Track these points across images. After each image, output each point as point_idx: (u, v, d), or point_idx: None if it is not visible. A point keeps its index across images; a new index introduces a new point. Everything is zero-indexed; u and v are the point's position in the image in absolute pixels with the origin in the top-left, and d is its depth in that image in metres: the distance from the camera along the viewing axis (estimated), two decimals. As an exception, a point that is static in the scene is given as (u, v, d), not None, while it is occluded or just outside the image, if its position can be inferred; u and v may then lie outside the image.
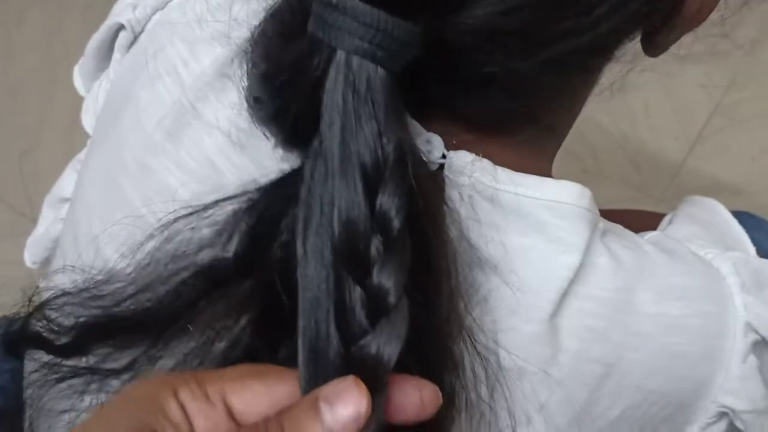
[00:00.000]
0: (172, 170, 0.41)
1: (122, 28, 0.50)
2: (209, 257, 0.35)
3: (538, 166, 0.41)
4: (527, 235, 0.38)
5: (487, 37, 0.33)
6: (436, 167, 0.38)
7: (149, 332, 0.36)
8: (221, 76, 0.41)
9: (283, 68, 0.33)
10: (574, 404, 0.39)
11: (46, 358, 0.39)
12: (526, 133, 0.41)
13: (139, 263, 0.37)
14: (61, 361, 0.38)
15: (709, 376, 0.42)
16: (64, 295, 0.38)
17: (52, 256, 0.56)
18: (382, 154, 0.31)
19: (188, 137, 0.41)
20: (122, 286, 0.37)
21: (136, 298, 0.36)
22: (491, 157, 0.39)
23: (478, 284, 0.37)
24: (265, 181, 0.36)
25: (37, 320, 0.39)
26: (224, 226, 0.35)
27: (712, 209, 0.54)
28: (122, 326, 0.36)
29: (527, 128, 0.41)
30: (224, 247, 0.35)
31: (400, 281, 0.30)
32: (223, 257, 0.35)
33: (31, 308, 0.40)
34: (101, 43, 0.53)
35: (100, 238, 0.42)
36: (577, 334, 0.39)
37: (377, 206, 0.31)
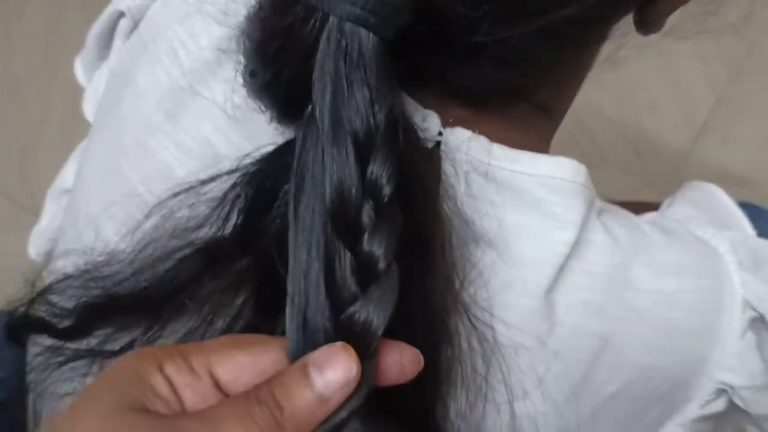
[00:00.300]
0: (170, 150, 0.41)
1: (122, 15, 0.50)
2: (207, 234, 0.35)
3: (535, 146, 0.41)
4: (523, 211, 0.38)
5: (475, 4, 0.33)
6: (432, 144, 0.38)
7: (149, 310, 0.36)
8: (219, 56, 0.41)
9: (276, 35, 0.33)
10: (570, 379, 0.39)
11: (48, 342, 0.39)
12: (520, 109, 0.41)
13: (138, 242, 0.37)
14: (63, 344, 0.38)
15: (705, 352, 0.42)
16: (66, 279, 0.38)
17: (56, 247, 0.56)
18: (373, 121, 0.31)
19: (187, 117, 0.41)
20: (122, 265, 0.37)
21: (135, 277, 0.36)
22: (487, 135, 0.39)
23: (473, 259, 0.37)
24: (260, 153, 0.36)
25: (39, 305, 0.39)
26: (221, 201, 0.35)
27: (710, 193, 0.54)
28: (123, 305, 0.37)
29: (521, 104, 0.41)
30: (222, 223, 0.35)
31: (390, 248, 0.30)
32: (221, 234, 0.35)
33: (33, 294, 0.40)
34: (102, 31, 0.53)
35: (99, 219, 0.42)
36: (573, 308, 0.39)
37: (368, 173, 0.31)
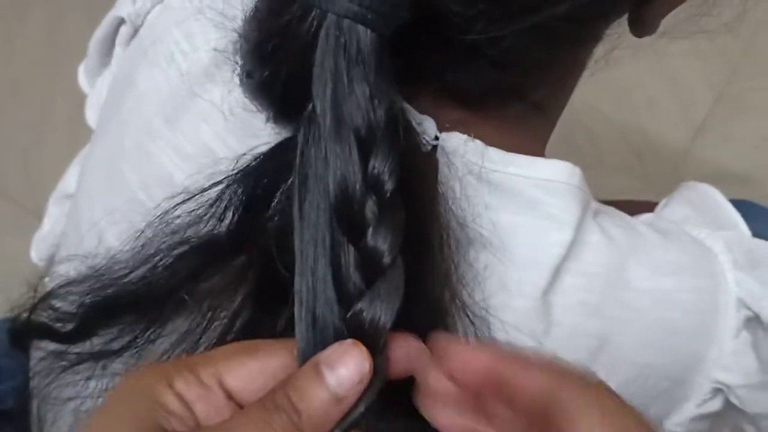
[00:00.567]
0: (169, 154, 0.42)
1: (123, 22, 0.50)
2: (205, 231, 0.36)
3: (531, 148, 0.41)
4: (519, 213, 0.39)
5: (469, 3, 0.34)
6: (429, 149, 0.38)
7: (149, 308, 0.36)
8: (217, 59, 0.41)
9: (274, 34, 0.33)
10: None
11: (51, 347, 0.39)
12: (516, 109, 0.41)
13: (137, 248, 0.37)
14: (66, 348, 0.38)
15: (702, 350, 0.42)
16: (68, 283, 0.39)
17: (58, 252, 0.56)
18: (374, 116, 0.31)
19: (186, 122, 0.42)
20: (122, 267, 0.37)
21: (135, 274, 0.37)
22: (484, 138, 0.39)
23: (470, 259, 0.38)
24: (257, 151, 0.36)
25: (42, 310, 0.39)
26: (218, 198, 0.36)
27: (706, 193, 0.54)
28: (124, 305, 0.37)
29: (517, 104, 0.41)
30: (218, 220, 0.36)
31: (395, 243, 0.31)
32: (219, 231, 0.36)
33: (35, 300, 0.40)
34: (103, 38, 0.54)
35: (101, 224, 0.43)
36: (570, 309, 0.39)
37: (370, 168, 0.31)
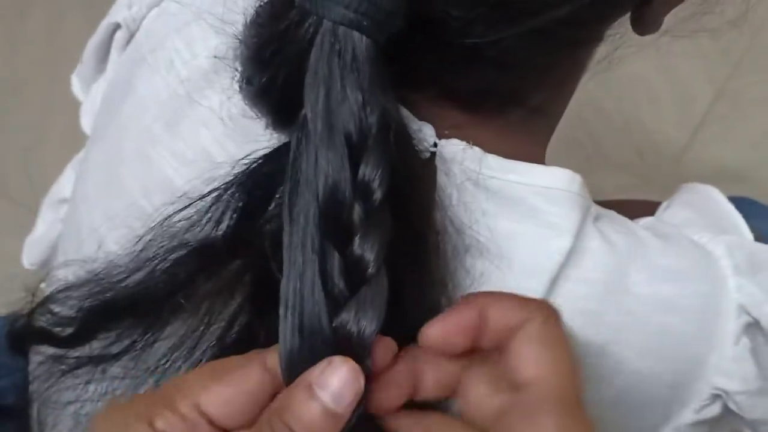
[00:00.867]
0: (168, 160, 0.42)
1: (118, 27, 0.50)
2: (202, 235, 0.36)
3: (531, 152, 0.41)
4: (519, 221, 0.38)
5: (468, 7, 0.34)
6: (427, 156, 0.38)
7: (148, 311, 0.36)
8: (216, 65, 0.41)
9: (272, 40, 0.33)
10: None
11: (50, 351, 0.39)
12: (516, 114, 0.41)
13: (136, 252, 0.37)
14: (66, 352, 0.38)
15: (703, 356, 0.42)
16: (66, 288, 0.39)
17: (51, 257, 0.56)
18: (366, 123, 0.31)
19: (186, 127, 0.42)
20: (121, 274, 0.37)
21: (133, 278, 0.37)
22: (483, 143, 0.39)
23: (468, 268, 0.38)
24: (255, 156, 0.36)
25: (40, 315, 0.39)
26: (215, 202, 0.36)
27: (708, 195, 0.54)
28: (122, 308, 0.37)
29: (518, 108, 0.41)
30: (216, 224, 0.36)
31: (380, 252, 0.31)
32: (215, 235, 0.36)
33: (34, 304, 0.40)
34: (99, 45, 0.53)
35: (101, 229, 0.43)
36: (570, 316, 0.39)
37: (360, 175, 0.31)
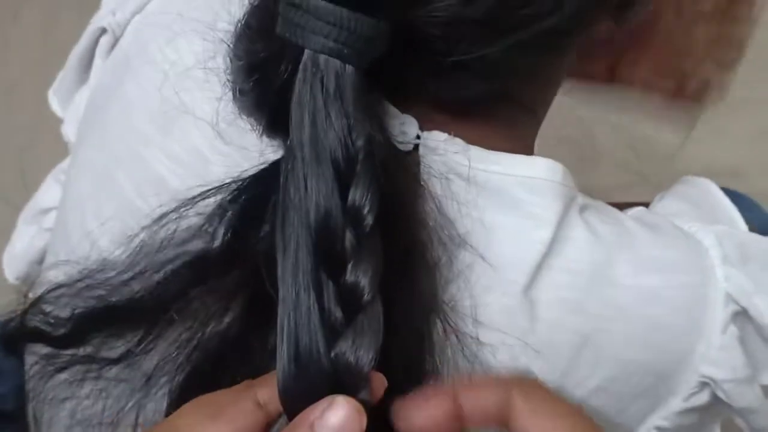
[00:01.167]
0: (162, 160, 0.42)
1: (103, 32, 0.51)
2: (197, 248, 0.36)
3: (516, 146, 0.41)
4: (501, 212, 0.39)
5: (451, 27, 0.34)
6: (410, 148, 0.38)
7: (144, 319, 0.37)
8: (204, 69, 0.41)
9: (258, 66, 0.34)
10: (552, 374, 0.40)
11: (45, 350, 0.39)
12: (502, 111, 0.41)
13: (131, 252, 0.37)
14: (59, 352, 0.38)
15: (691, 346, 0.42)
16: (59, 287, 0.39)
17: (34, 271, 0.56)
18: (353, 149, 0.32)
19: (178, 128, 0.42)
20: (115, 274, 0.37)
21: (128, 286, 0.37)
22: (467, 137, 0.39)
23: (453, 261, 0.38)
24: (248, 172, 0.36)
25: (33, 315, 0.39)
26: (210, 216, 0.36)
27: (705, 188, 0.54)
28: (117, 314, 0.37)
29: (502, 106, 0.41)
30: (210, 238, 0.36)
31: (374, 278, 0.31)
32: (210, 248, 0.36)
33: (27, 304, 0.40)
34: (83, 52, 0.54)
35: (95, 230, 0.43)
36: (553, 305, 0.39)
37: (350, 202, 0.31)
